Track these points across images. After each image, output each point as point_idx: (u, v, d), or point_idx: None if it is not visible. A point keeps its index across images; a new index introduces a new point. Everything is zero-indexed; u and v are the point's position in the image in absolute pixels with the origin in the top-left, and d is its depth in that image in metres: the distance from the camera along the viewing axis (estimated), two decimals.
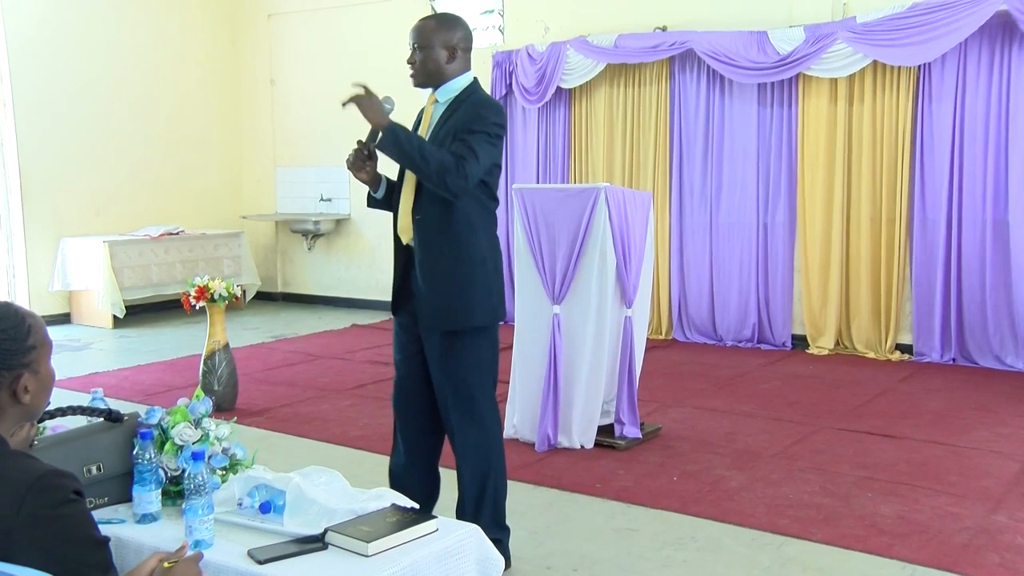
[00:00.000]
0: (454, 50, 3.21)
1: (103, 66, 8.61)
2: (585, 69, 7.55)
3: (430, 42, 3.20)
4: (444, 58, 3.20)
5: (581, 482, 4.14)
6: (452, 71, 3.23)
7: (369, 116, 3.14)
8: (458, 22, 3.28)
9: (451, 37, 3.20)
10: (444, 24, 3.24)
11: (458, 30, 3.24)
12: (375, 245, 9.18)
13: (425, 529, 2.02)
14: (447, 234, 3.15)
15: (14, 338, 1.54)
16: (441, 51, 3.20)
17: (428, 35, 3.20)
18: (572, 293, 4.49)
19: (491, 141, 3.10)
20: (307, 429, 5.05)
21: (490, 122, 3.11)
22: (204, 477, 2.02)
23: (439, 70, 3.22)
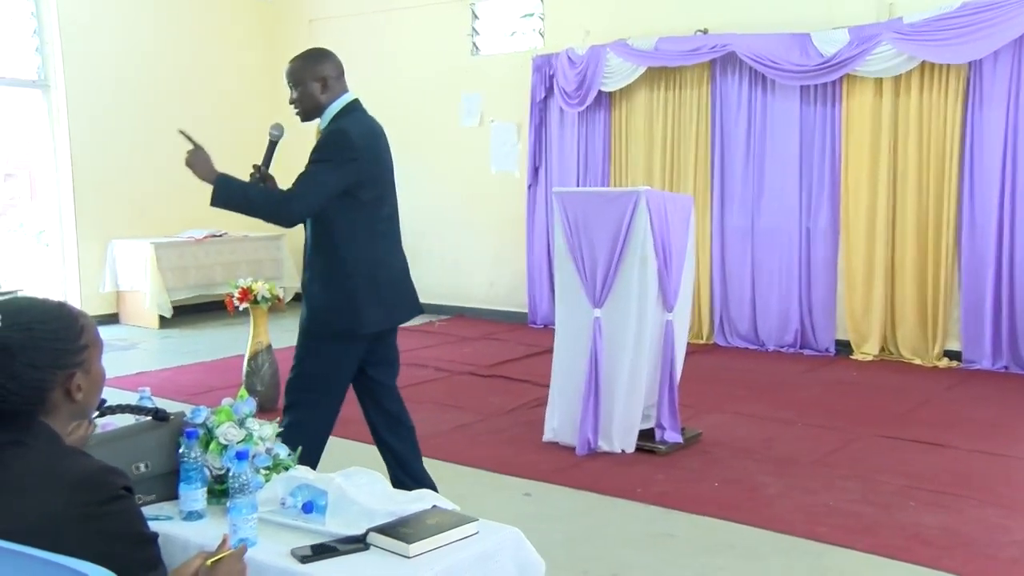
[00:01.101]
0: (324, 80, 3.45)
1: (150, 74, 8.76)
2: (625, 72, 7.53)
3: (303, 79, 3.46)
4: (318, 90, 3.45)
5: (620, 487, 4.12)
6: (327, 99, 3.47)
7: (197, 173, 3.42)
8: (323, 54, 3.54)
9: (319, 69, 3.46)
10: (310, 60, 3.50)
11: (324, 61, 3.50)
12: (415, 247, 9.13)
13: (466, 531, 2.03)
14: (316, 249, 3.46)
15: (67, 338, 1.57)
16: (314, 84, 3.45)
17: (299, 73, 3.47)
18: (613, 297, 4.48)
19: (332, 169, 3.33)
20: (345, 430, 5.05)
21: (330, 149, 3.35)
22: (248, 476, 2.04)
23: (316, 102, 3.46)
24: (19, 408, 1.50)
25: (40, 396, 1.53)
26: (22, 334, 1.51)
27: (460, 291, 8.97)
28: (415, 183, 9.10)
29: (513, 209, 8.45)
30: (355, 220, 3.43)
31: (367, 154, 3.45)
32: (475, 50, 8.74)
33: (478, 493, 3.98)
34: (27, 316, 1.55)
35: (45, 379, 1.53)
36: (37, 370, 1.51)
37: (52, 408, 1.55)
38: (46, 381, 1.53)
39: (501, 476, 4.32)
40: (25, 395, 1.51)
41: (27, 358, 1.50)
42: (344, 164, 3.35)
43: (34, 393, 1.52)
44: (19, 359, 1.49)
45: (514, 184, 8.48)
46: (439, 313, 8.97)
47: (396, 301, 3.62)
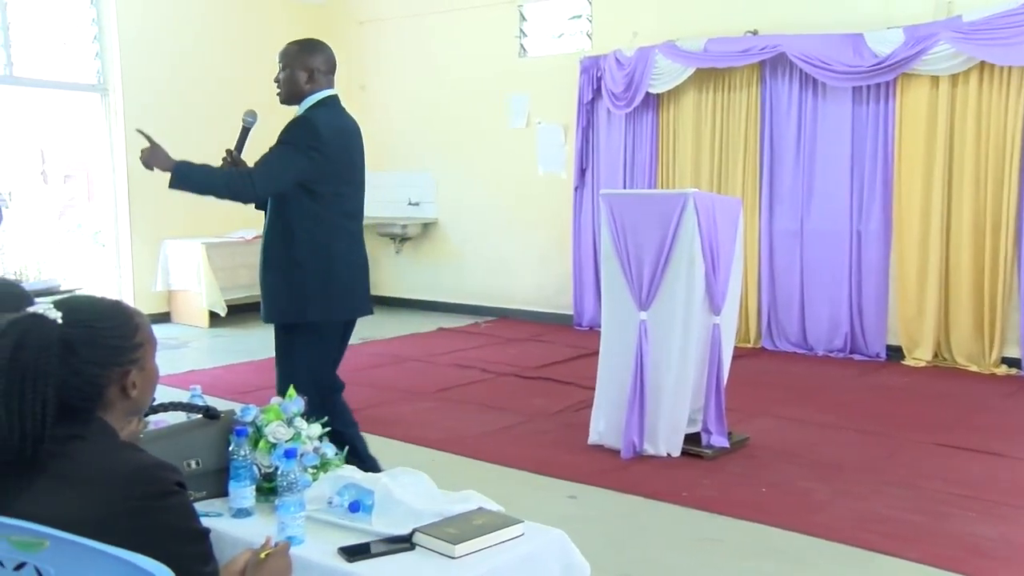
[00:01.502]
0: (312, 72, 3.56)
1: (203, 77, 8.92)
2: (674, 74, 7.48)
3: (290, 64, 3.57)
4: (303, 79, 3.56)
5: (665, 490, 4.09)
6: (310, 91, 3.58)
7: (156, 165, 3.47)
8: (319, 47, 3.63)
9: (310, 60, 3.56)
10: (305, 48, 3.60)
11: (318, 54, 3.59)
12: (461, 249, 9.28)
13: (511, 533, 2.03)
14: (271, 239, 3.59)
15: (124, 335, 1.61)
16: (301, 72, 3.56)
17: (290, 58, 3.57)
18: (659, 299, 4.45)
19: (295, 151, 3.45)
20: (391, 430, 5.13)
21: (294, 134, 3.46)
22: (296, 475, 2.07)
23: (299, 89, 3.58)
24: (79, 403, 1.54)
25: (98, 392, 1.56)
26: (82, 331, 1.55)
27: (505, 292, 8.99)
28: (462, 184, 9.16)
29: (559, 211, 8.45)
30: (312, 212, 3.53)
31: (331, 148, 3.55)
32: (523, 52, 8.75)
33: (522, 495, 3.98)
34: (86, 314, 1.59)
35: (103, 375, 1.56)
36: (95, 366, 1.55)
37: (108, 404, 1.59)
38: (103, 377, 1.56)
39: (545, 478, 4.31)
40: (85, 390, 1.54)
41: (87, 354, 1.54)
42: (306, 151, 3.46)
43: (93, 389, 1.56)
44: (79, 355, 1.53)
45: (560, 186, 8.47)
46: (484, 315, 9.00)
47: (346, 297, 3.69)
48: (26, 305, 1.58)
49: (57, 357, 1.49)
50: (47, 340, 1.49)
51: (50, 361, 1.48)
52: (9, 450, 1.45)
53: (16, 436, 1.45)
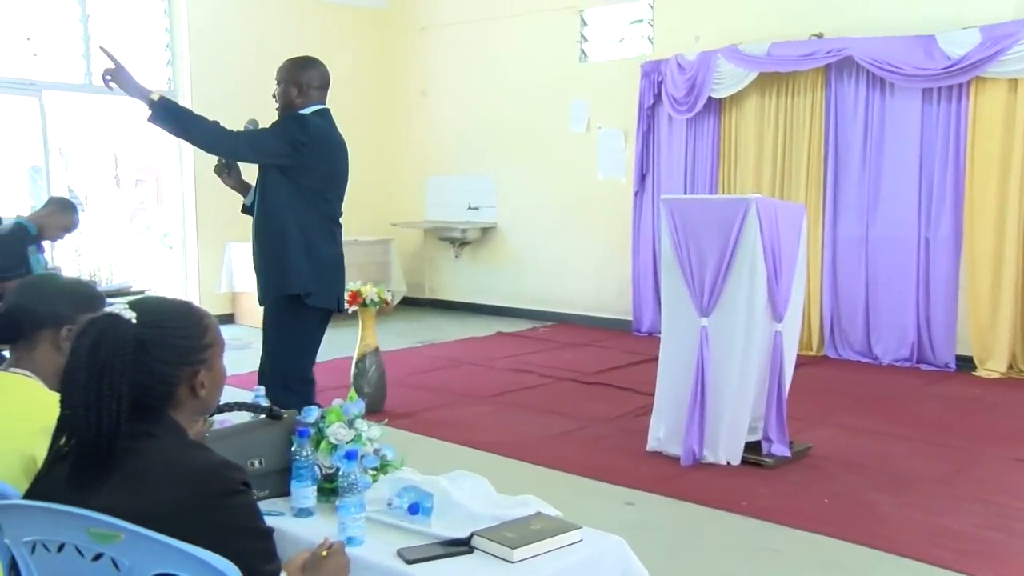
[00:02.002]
0: (302, 87, 3.81)
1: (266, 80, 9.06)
2: (736, 78, 7.39)
3: (284, 79, 3.84)
4: (294, 93, 3.81)
5: (725, 498, 4.04)
6: (300, 104, 3.81)
7: (125, 88, 3.72)
8: (311, 63, 3.87)
9: (300, 75, 3.82)
10: (298, 65, 3.86)
11: (309, 70, 3.84)
12: (520, 253, 9.29)
13: (570, 538, 2.02)
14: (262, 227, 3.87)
15: (193, 336, 1.65)
16: (292, 87, 3.81)
17: (283, 73, 3.85)
18: (720, 306, 4.40)
19: (283, 135, 3.71)
20: (449, 433, 5.15)
21: (287, 124, 3.72)
22: (356, 476, 2.09)
23: (290, 103, 3.82)
24: (151, 401, 1.58)
25: (169, 390, 1.61)
26: (155, 331, 1.59)
27: (564, 297, 8.98)
28: (522, 189, 9.17)
29: (619, 216, 8.41)
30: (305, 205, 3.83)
31: (318, 147, 3.80)
32: (583, 57, 8.74)
33: (580, 500, 3.96)
34: (159, 314, 1.63)
35: (174, 375, 1.60)
36: (167, 366, 1.59)
37: (178, 403, 1.62)
38: (174, 376, 1.61)
39: (603, 484, 4.29)
40: (157, 389, 1.59)
41: (159, 354, 1.58)
42: (292, 140, 3.70)
43: (164, 387, 1.60)
44: (152, 355, 1.57)
45: (620, 191, 8.43)
46: (543, 319, 9.00)
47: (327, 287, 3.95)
48: (100, 305, 1.63)
49: (131, 356, 1.53)
50: (122, 339, 1.53)
51: (125, 360, 1.52)
52: (87, 444, 1.50)
53: (93, 431, 1.49)
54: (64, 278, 2.30)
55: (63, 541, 1.40)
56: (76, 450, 1.52)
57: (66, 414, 1.53)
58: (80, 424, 1.51)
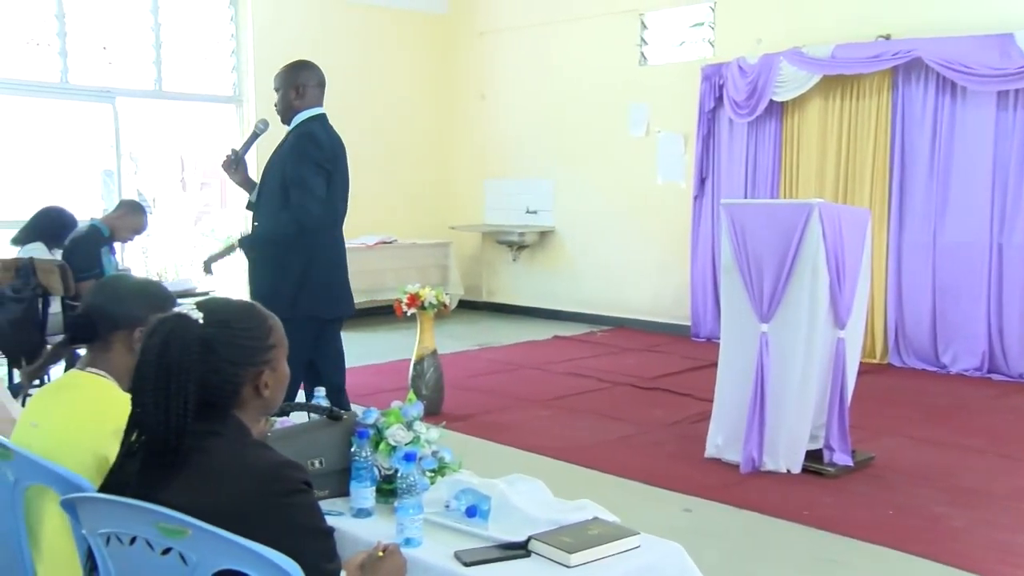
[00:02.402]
0: (299, 88, 3.91)
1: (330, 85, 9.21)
2: (799, 81, 7.27)
3: (282, 84, 3.93)
4: (292, 96, 3.92)
5: (785, 507, 3.97)
6: (301, 106, 3.92)
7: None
8: (306, 65, 3.98)
9: (296, 78, 3.92)
10: (293, 68, 3.97)
11: (304, 71, 3.95)
12: (578, 257, 9.27)
13: (628, 544, 2.01)
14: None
15: (258, 336, 1.69)
16: (289, 91, 3.92)
17: (281, 79, 3.95)
18: (781, 312, 4.33)
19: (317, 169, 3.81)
20: (506, 437, 5.16)
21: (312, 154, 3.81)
22: (415, 478, 2.11)
23: (291, 105, 3.93)
24: (217, 400, 1.62)
25: (234, 390, 1.64)
26: (221, 332, 1.63)
27: (622, 302, 8.93)
28: (580, 192, 9.16)
29: (678, 220, 8.34)
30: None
31: (333, 157, 3.91)
32: (643, 60, 8.69)
33: (637, 506, 3.94)
34: (225, 315, 1.67)
35: (239, 374, 1.64)
36: (232, 366, 1.63)
37: (242, 403, 1.66)
38: (239, 376, 1.64)
39: (661, 490, 4.26)
40: (222, 388, 1.62)
41: (224, 354, 1.62)
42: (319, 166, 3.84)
43: (229, 387, 1.63)
44: (218, 354, 1.61)
45: (679, 195, 8.36)
46: (600, 324, 8.96)
47: (320, 295, 3.95)
48: (171, 305, 1.67)
49: (198, 356, 1.57)
50: (190, 339, 1.57)
51: (192, 359, 1.56)
52: (156, 441, 1.54)
53: (162, 429, 1.54)
54: (137, 279, 2.36)
55: (134, 534, 1.45)
56: (146, 447, 1.56)
57: (137, 412, 1.57)
58: (150, 422, 1.55)
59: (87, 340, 2.06)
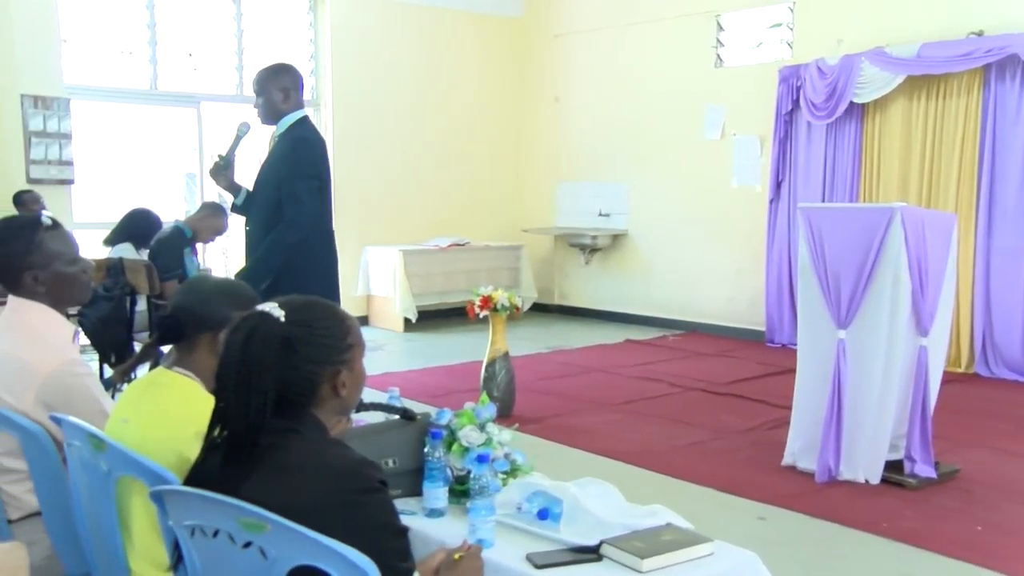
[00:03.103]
0: (287, 91, 3.91)
1: (405, 90, 9.35)
2: (881, 82, 7.08)
3: (265, 88, 3.90)
4: (280, 99, 3.90)
5: (863, 519, 3.87)
6: (286, 109, 3.91)
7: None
8: (287, 68, 3.98)
9: (282, 80, 3.91)
10: (276, 71, 3.95)
11: (288, 74, 3.94)
12: (651, 261, 9.20)
13: (701, 551, 1.99)
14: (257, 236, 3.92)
15: (336, 336, 1.72)
16: (277, 92, 3.89)
17: (264, 82, 3.92)
18: (860, 318, 4.23)
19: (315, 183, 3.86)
20: (578, 440, 5.15)
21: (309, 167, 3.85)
22: (488, 479, 2.12)
23: (276, 109, 3.91)
24: (295, 398, 1.65)
25: (312, 388, 1.67)
26: (302, 330, 1.66)
27: (695, 306, 8.83)
28: (654, 196, 9.09)
29: (753, 224, 8.21)
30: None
31: (324, 159, 3.95)
32: (719, 62, 8.58)
33: (710, 512, 3.89)
34: (306, 314, 1.70)
35: (317, 373, 1.67)
36: (312, 363, 1.66)
37: (320, 401, 1.69)
38: (318, 375, 1.67)
39: (734, 497, 4.20)
40: (301, 386, 1.66)
41: (304, 352, 1.65)
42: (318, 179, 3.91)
43: (308, 385, 1.66)
44: (298, 352, 1.64)
45: (755, 199, 8.23)
46: (672, 328, 8.88)
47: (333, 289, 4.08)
48: (255, 304, 1.71)
49: (278, 354, 1.61)
50: (271, 337, 1.61)
51: (272, 357, 1.60)
52: (236, 435, 1.58)
53: (242, 424, 1.58)
54: (222, 280, 2.42)
55: (217, 527, 1.49)
56: (227, 441, 1.60)
57: (219, 407, 1.62)
58: (231, 416, 1.59)
59: (174, 340, 2.12)
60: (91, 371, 2.39)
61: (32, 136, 7.13)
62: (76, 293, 2.47)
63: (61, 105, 7.23)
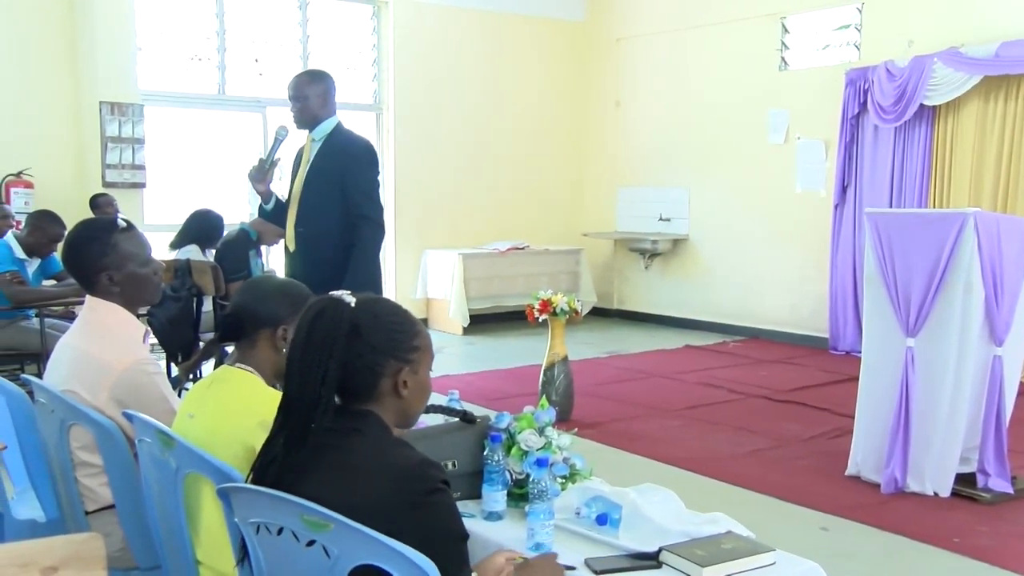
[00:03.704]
0: (324, 96, 4.01)
1: (467, 94, 9.40)
2: (955, 83, 6.89)
3: (304, 94, 3.99)
4: (318, 104, 4.00)
5: (932, 533, 3.77)
6: (324, 115, 4.02)
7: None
8: (325, 74, 4.10)
9: (321, 87, 4.01)
10: (315, 77, 4.07)
11: (325, 81, 4.05)
12: (711, 266, 9.10)
13: (762, 560, 1.96)
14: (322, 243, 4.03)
15: (404, 331, 1.74)
16: (316, 99, 3.99)
17: (303, 88, 4.00)
18: (929, 326, 4.12)
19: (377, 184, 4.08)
20: (637, 445, 5.12)
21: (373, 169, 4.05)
22: (547, 483, 2.12)
23: (314, 114, 4.01)
24: (356, 385, 1.67)
25: (374, 378, 1.69)
26: (370, 318, 1.69)
27: (757, 312, 8.70)
28: (716, 200, 8.99)
29: (817, 229, 8.06)
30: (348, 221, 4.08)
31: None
32: (783, 65, 8.45)
33: (771, 521, 3.82)
34: (376, 306, 1.74)
35: (380, 363, 1.68)
36: (375, 352, 1.68)
37: (380, 397, 1.70)
38: (380, 366, 1.69)
39: (796, 507, 4.12)
40: (363, 373, 1.67)
41: (370, 339, 1.67)
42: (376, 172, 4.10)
43: (370, 374, 1.68)
44: (363, 338, 1.67)
45: (819, 204, 8.08)
46: (733, 334, 8.76)
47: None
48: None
49: (345, 334, 1.64)
50: (339, 317, 1.65)
51: (338, 336, 1.63)
52: (296, 414, 1.61)
53: (303, 401, 1.61)
54: (280, 280, 2.47)
55: (281, 525, 1.51)
56: (288, 427, 1.63)
57: (286, 388, 1.65)
58: (293, 393, 1.63)
59: (235, 338, 2.18)
60: (161, 370, 2.46)
61: (108, 141, 7.36)
62: (147, 294, 2.54)
63: (135, 111, 7.45)
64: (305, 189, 4.08)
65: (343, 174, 3.98)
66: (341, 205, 3.98)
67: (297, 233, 4.11)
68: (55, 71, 7.37)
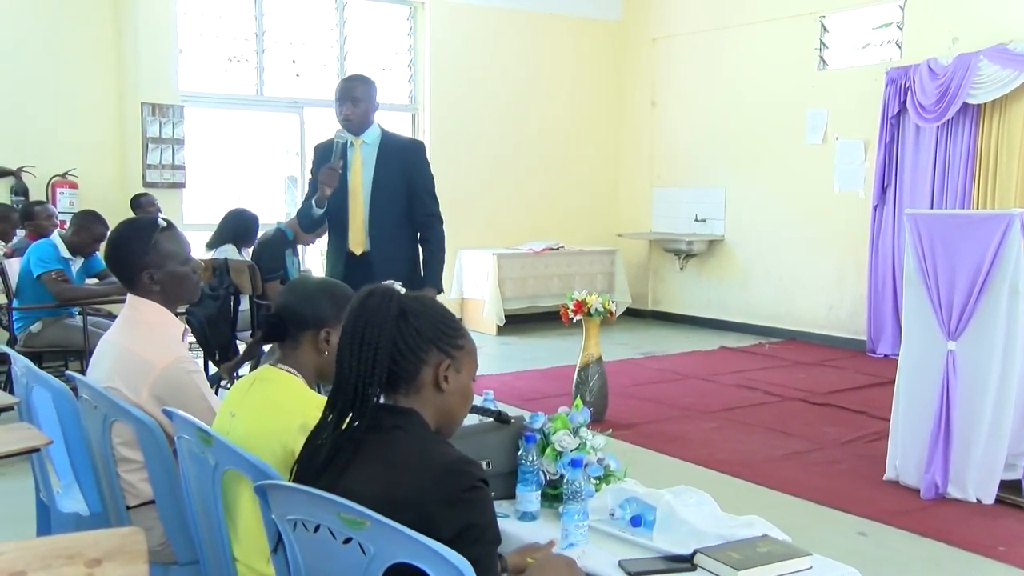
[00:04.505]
0: (375, 100, 4.17)
1: (503, 94, 9.41)
2: (1001, 81, 6.76)
3: (367, 96, 4.13)
4: (373, 109, 4.16)
5: (976, 540, 3.71)
6: (372, 120, 4.18)
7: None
8: (374, 80, 4.23)
9: (373, 91, 4.17)
10: (368, 81, 4.19)
11: (374, 84, 4.21)
12: (747, 267, 9.02)
13: (799, 564, 1.94)
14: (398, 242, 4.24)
15: (450, 326, 1.77)
16: (372, 104, 4.15)
17: (365, 91, 4.13)
18: (972, 329, 4.05)
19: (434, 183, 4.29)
20: (672, 447, 5.09)
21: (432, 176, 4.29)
22: (581, 484, 2.12)
23: (369, 119, 4.16)
24: (400, 371, 1.69)
25: (417, 365, 1.70)
26: (418, 306, 1.73)
27: (793, 314, 8.62)
28: (752, 201, 8.92)
29: (856, 230, 7.96)
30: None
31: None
32: (822, 64, 8.36)
33: (808, 525, 3.78)
34: (425, 301, 1.78)
35: (424, 350, 1.70)
36: (420, 338, 1.70)
37: (421, 386, 1.71)
38: (425, 352, 1.70)
39: (834, 511, 4.08)
40: (407, 358, 1.69)
41: (416, 324, 1.70)
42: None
43: (413, 360, 1.70)
44: (410, 323, 1.69)
45: (858, 204, 7.98)
46: (769, 335, 8.68)
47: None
48: None
49: (393, 317, 1.67)
50: (388, 300, 1.69)
51: (387, 317, 1.66)
52: (345, 392, 1.64)
53: (352, 383, 1.64)
54: (325, 281, 2.49)
55: (318, 522, 1.53)
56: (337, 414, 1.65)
57: (338, 372, 1.68)
58: (343, 374, 1.65)
59: (278, 339, 2.19)
60: (199, 368, 2.49)
61: (149, 142, 7.48)
62: (187, 292, 2.57)
63: (176, 112, 7.57)
64: (375, 192, 4.16)
65: (411, 175, 4.16)
66: (406, 206, 4.16)
67: (371, 236, 4.20)
68: (98, 74, 7.50)
